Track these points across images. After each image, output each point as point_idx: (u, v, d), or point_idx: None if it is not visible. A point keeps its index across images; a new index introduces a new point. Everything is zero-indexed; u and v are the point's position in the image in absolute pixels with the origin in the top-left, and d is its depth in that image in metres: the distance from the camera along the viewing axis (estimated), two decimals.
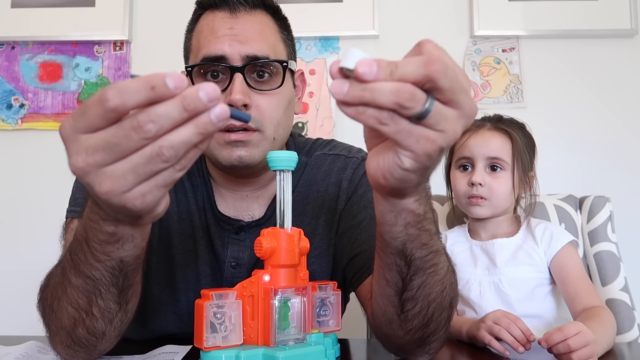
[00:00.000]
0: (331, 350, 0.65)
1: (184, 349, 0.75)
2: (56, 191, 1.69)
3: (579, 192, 1.36)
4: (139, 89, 0.40)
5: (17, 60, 1.75)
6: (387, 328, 0.67)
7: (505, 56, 1.72)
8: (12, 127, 1.72)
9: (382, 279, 0.63)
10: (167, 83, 0.40)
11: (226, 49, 0.79)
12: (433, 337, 0.67)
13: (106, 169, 0.42)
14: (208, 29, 0.82)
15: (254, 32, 0.81)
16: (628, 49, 1.70)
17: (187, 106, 0.40)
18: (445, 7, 1.73)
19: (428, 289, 0.61)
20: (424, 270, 0.60)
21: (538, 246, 1.08)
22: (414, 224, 0.56)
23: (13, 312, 1.64)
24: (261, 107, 0.80)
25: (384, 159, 0.48)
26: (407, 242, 0.57)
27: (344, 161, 0.92)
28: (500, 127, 1.13)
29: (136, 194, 0.43)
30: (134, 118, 0.41)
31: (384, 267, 0.62)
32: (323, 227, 0.89)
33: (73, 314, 0.61)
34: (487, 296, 1.07)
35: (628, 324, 1.17)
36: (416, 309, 0.63)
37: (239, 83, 0.77)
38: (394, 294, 0.62)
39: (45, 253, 1.75)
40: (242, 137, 0.78)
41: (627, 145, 1.67)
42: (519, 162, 1.10)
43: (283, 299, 0.59)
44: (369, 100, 0.41)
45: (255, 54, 0.79)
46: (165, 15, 1.74)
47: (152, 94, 0.40)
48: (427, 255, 0.59)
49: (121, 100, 0.40)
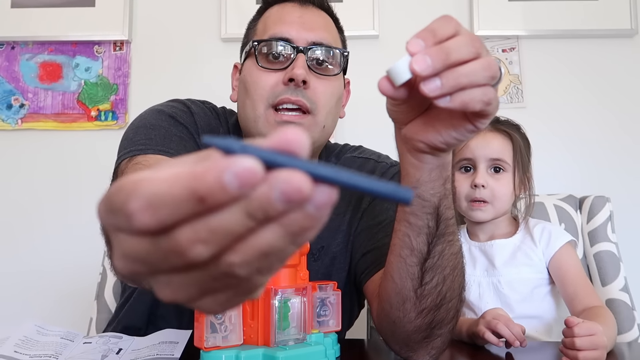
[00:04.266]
0: (331, 350, 0.65)
1: (184, 335, 0.73)
2: (56, 191, 1.69)
3: (579, 192, 1.36)
4: (180, 201, 0.24)
5: (17, 60, 1.75)
6: (398, 310, 0.67)
7: (505, 56, 1.72)
8: (12, 127, 1.72)
9: (406, 249, 0.64)
10: (228, 183, 0.23)
11: (293, 32, 0.83)
12: (439, 330, 0.67)
13: (160, 277, 0.28)
14: (277, 15, 0.86)
15: (320, 23, 0.86)
16: (628, 49, 1.69)
17: (255, 215, 0.25)
18: (445, 7, 1.73)
19: (445, 261, 0.63)
20: (446, 237, 0.63)
21: (536, 246, 1.08)
22: (449, 178, 0.61)
23: (13, 312, 1.64)
24: (318, 90, 0.83)
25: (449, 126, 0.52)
26: (443, 197, 0.60)
27: (373, 164, 0.95)
28: (501, 128, 1.13)
29: (210, 304, 0.29)
30: (172, 238, 0.25)
31: (412, 233, 0.63)
32: (347, 224, 0.90)
33: None
34: (486, 297, 1.07)
35: (628, 324, 1.16)
36: (433, 282, 0.64)
37: (302, 61, 0.81)
38: (416, 263, 0.63)
39: (44, 254, 1.77)
40: (295, 118, 0.81)
41: (628, 145, 1.67)
42: (519, 163, 1.11)
43: (283, 299, 0.59)
44: (466, 83, 0.45)
45: (320, 41, 0.84)
46: (165, 15, 1.74)
47: (200, 207, 0.24)
48: (452, 219, 0.62)
49: (154, 220, 0.25)
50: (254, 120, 0.83)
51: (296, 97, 0.80)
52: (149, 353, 0.69)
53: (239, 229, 0.25)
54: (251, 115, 0.83)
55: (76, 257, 1.63)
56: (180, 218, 0.25)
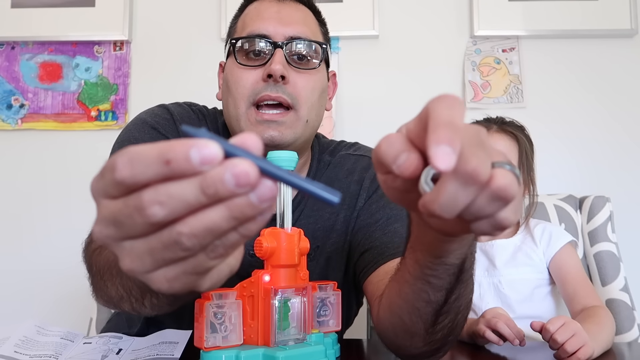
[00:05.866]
0: (331, 350, 0.65)
1: (184, 336, 0.73)
2: (56, 191, 1.69)
3: (579, 192, 1.36)
4: (152, 161, 0.30)
5: (17, 60, 1.75)
6: (405, 341, 0.64)
7: (505, 56, 1.72)
8: (12, 127, 1.72)
9: (422, 302, 0.57)
10: (191, 158, 0.29)
11: (270, 28, 0.82)
12: (445, 347, 0.65)
13: (124, 243, 0.33)
14: (255, 12, 0.86)
15: (298, 18, 0.85)
16: (628, 49, 1.70)
17: (207, 189, 0.29)
18: (445, 7, 1.73)
19: (461, 301, 0.58)
20: (464, 282, 0.56)
21: (537, 247, 1.08)
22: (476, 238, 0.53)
23: (13, 311, 1.64)
24: (298, 85, 0.82)
25: None
26: (469, 256, 0.53)
27: (368, 161, 0.94)
28: (507, 129, 1.13)
29: (160, 277, 0.34)
30: (138, 196, 0.31)
31: (431, 290, 0.56)
32: (341, 223, 0.89)
33: (122, 294, 0.59)
34: (486, 298, 1.07)
35: (628, 324, 1.16)
36: (446, 322, 0.59)
37: (279, 56, 0.80)
38: (431, 313, 0.58)
39: (45, 253, 1.77)
40: (276, 117, 0.80)
41: (628, 145, 1.67)
42: (524, 165, 1.11)
43: (283, 299, 0.59)
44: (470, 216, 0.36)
45: (298, 35, 0.83)
46: (165, 15, 1.74)
47: (166, 170, 0.30)
48: (473, 265, 0.56)
49: (130, 173, 0.30)
50: (237, 119, 0.83)
51: (276, 93, 0.79)
52: (149, 353, 0.69)
53: (191, 199, 0.30)
54: (234, 114, 0.84)
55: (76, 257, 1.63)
56: (148, 177, 0.30)
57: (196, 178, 0.30)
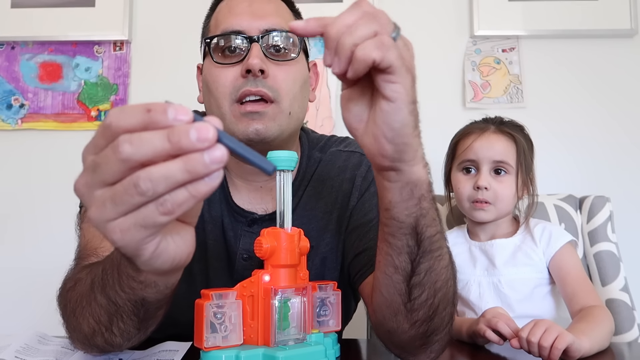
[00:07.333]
0: (331, 350, 0.65)
1: (184, 346, 0.75)
2: (57, 191, 1.69)
3: (579, 192, 1.36)
4: (137, 110, 0.38)
5: (17, 60, 1.75)
6: (391, 322, 0.66)
7: (505, 56, 1.72)
8: (12, 127, 1.72)
9: (390, 267, 0.63)
10: (167, 111, 0.37)
11: (244, 23, 0.81)
12: (436, 337, 0.66)
13: (96, 192, 0.40)
14: (226, 8, 0.85)
15: (270, 10, 0.84)
16: (627, 49, 1.70)
17: (172, 137, 0.36)
18: (445, 7, 1.73)
19: (435, 276, 0.62)
20: (432, 253, 0.61)
21: (537, 246, 1.08)
22: (426, 195, 0.58)
23: (15, 310, 1.64)
24: (278, 77, 0.81)
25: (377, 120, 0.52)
26: (420, 217, 0.59)
27: (359, 158, 0.92)
28: (505, 130, 1.12)
29: (115, 227, 0.40)
30: (116, 140, 0.38)
31: (393, 253, 0.61)
32: (335, 222, 0.89)
33: (93, 325, 0.61)
34: (486, 297, 1.07)
35: (628, 324, 1.16)
36: (423, 297, 0.63)
37: (256, 50, 0.79)
38: (401, 281, 0.62)
39: (46, 252, 1.77)
40: (258, 108, 0.79)
41: (628, 145, 1.68)
42: (522, 165, 1.10)
43: (283, 299, 0.59)
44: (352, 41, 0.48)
45: (273, 27, 0.82)
46: (165, 15, 1.74)
47: (146, 117, 0.38)
48: (435, 235, 0.60)
49: (116, 117, 0.38)
50: (221, 118, 0.82)
51: (257, 88, 0.79)
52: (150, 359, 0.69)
53: (157, 144, 0.37)
54: (217, 113, 0.82)
55: None
56: (131, 123, 0.38)
57: (165, 130, 0.37)
